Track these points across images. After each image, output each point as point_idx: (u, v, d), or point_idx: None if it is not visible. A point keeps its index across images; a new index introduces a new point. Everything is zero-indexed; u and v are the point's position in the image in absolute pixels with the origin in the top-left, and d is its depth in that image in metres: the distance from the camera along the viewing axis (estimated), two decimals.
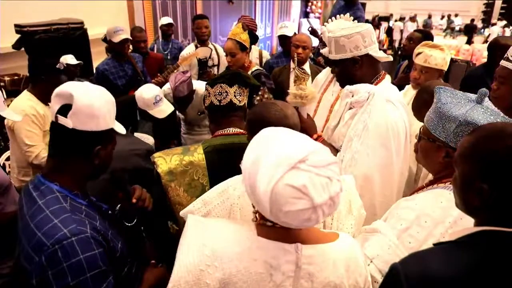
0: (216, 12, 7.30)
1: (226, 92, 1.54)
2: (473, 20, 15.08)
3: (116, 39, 3.19)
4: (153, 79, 3.41)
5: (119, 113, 1.18)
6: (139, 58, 3.62)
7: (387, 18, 15.47)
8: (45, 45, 3.30)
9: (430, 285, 0.77)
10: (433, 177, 1.25)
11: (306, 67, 3.12)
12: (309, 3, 12.46)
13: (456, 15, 16.93)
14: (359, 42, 1.63)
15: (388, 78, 1.77)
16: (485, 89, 1.12)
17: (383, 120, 1.55)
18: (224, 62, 3.29)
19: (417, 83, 2.34)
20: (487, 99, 1.14)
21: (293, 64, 2.11)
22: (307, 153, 0.76)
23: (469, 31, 11.24)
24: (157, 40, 4.80)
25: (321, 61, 3.97)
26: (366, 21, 4.71)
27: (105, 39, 3.38)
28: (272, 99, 2.55)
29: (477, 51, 8.22)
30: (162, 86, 2.72)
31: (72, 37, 3.63)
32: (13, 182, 2.41)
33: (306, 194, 0.74)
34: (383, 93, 1.61)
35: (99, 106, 1.06)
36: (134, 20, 5.15)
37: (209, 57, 3.26)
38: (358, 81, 1.69)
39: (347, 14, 1.88)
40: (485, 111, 1.09)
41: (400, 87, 1.87)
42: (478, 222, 0.85)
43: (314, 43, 3.32)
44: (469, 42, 10.38)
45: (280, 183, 0.75)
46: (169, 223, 1.52)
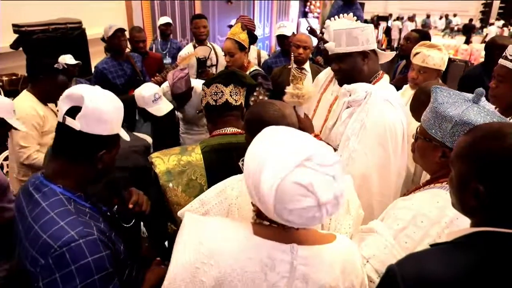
0: (215, 12, 7.30)
1: (222, 92, 1.54)
2: (471, 20, 15.11)
3: (110, 33, 3.21)
4: (152, 79, 3.41)
5: None
6: (138, 58, 3.62)
7: (385, 18, 15.49)
8: (43, 45, 3.29)
9: (427, 286, 0.77)
10: (429, 177, 1.25)
11: (307, 66, 3.13)
12: (308, 3, 12.45)
13: (455, 15, 16.95)
14: (369, 36, 1.66)
15: (386, 77, 1.76)
16: (481, 89, 1.12)
17: (380, 120, 1.55)
18: (222, 62, 3.29)
19: (415, 83, 2.35)
20: (483, 99, 1.14)
21: (291, 64, 2.11)
22: (312, 152, 0.77)
23: (468, 31, 11.27)
24: (156, 40, 4.79)
25: (319, 60, 3.97)
26: (365, 21, 4.72)
27: (103, 39, 3.40)
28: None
29: (475, 51, 8.24)
30: (161, 85, 2.72)
31: (70, 37, 3.62)
32: (13, 182, 2.42)
33: (312, 192, 0.74)
34: (381, 93, 1.61)
35: (109, 111, 1.05)
36: (132, 20, 5.15)
37: (208, 56, 3.25)
38: (360, 78, 1.68)
39: (350, 14, 1.88)
40: (481, 111, 1.09)
41: (398, 87, 1.87)
42: (474, 222, 0.85)
43: (313, 42, 3.32)
44: (467, 42, 10.41)
45: (286, 180, 0.75)
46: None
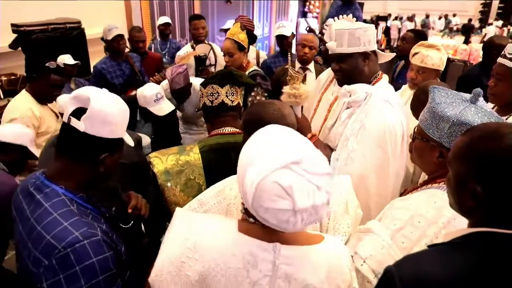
0: (214, 12, 7.29)
1: (218, 92, 1.54)
2: (470, 20, 15.11)
3: (109, 37, 3.24)
4: (150, 78, 3.41)
5: None
6: (136, 58, 3.62)
7: (385, 18, 15.50)
8: (42, 45, 3.29)
9: (424, 287, 0.76)
10: (427, 177, 1.25)
11: (311, 66, 3.14)
12: (307, 3, 12.43)
13: (454, 15, 16.96)
14: (371, 37, 1.66)
15: (385, 78, 1.77)
16: (479, 89, 1.12)
17: (380, 120, 1.55)
18: (221, 62, 3.29)
19: (414, 83, 2.35)
20: (481, 99, 1.14)
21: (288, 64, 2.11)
22: (303, 156, 0.76)
23: (467, 31, 11.28)
24: (155, 40, 4.79)
25: (319, 60, 3.97)
26: (364, 21, 4.72)
27: (103, 38, 3.40)
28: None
29: (474, 50, 8.25)
30: (160, 84, 2.72)
31: (70, 37, 3.62)
32: None
33: (289, 195, 0.73)
34: (381, 93, 1.61)
35: (114, 114, 1.05)
36: (131, 20, 5.14)
37: (207, 55, 3.25)
38: (361, 79, 1.68)
39: (350, 15, 1.88)
40: (479, 111, 1.09)
41: (396, 88, 1.87)
42: (472, 222, 0.85)
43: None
44: (466, 42, 10.42)
45: (268, 178, 0.74)
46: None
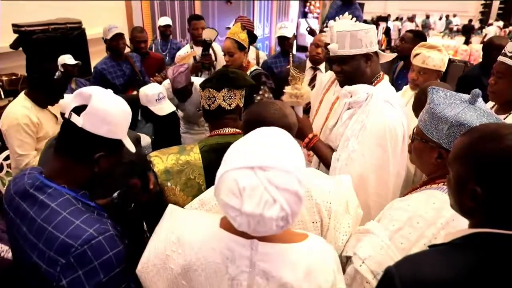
0: (215, 12, 7.29)
1: (214, 97, 1.51)
2: (471, 21, 15.10)
3: (109, 36, 3.25)
4: (151, 78, 3.42)
5: None
6: (137, 58, 3.62)
7: (385, 18, 15.48)
8: (43, 45, 3.29)
9: None
10: (426, 178, 1.25)
11: (322, 67, 3.17)
12: (308, 3, 12.43)
13: (454, 15, 16.95)
14: (373, 38, 1.65)
15: (386, 78, 1.77)
16: (478, 90, 1.12)
17: (381, 121, 1.55)
18: (221, 61, 3.29)
19: (415, 84, 2.36)
20: (480, 99, 1.14)
21: (290, 64, 2.12)
22: (273, 166, 0.74)
23: (467, 31, 11.25)
24: (156, 40, 4.80)
25: None
26: (365, 21, 4.72)
27: (104, 38, 3.41)
28: (272, 98, 2.57)
29: (475, 51, 8.26)
30: (161, 84, 2.73)
31: (70, 37, 3.62)
32: None
33: (240, 195, 0.74)
34: (382, 94, 1.61)
35: (114, 113, 1.05)
36: (132, 20, 5.14)
37: (213, 39, 3.21)
38: (363, 80, 1.67)
39: (346, 14, 1.88)
40: (478, 112, 1.09)
41: (396, 88, 1.87)
42: (472, 223, 0.85)
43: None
44: (467, 42, 10.41)
45: (231, 173, 0.76)
46: None
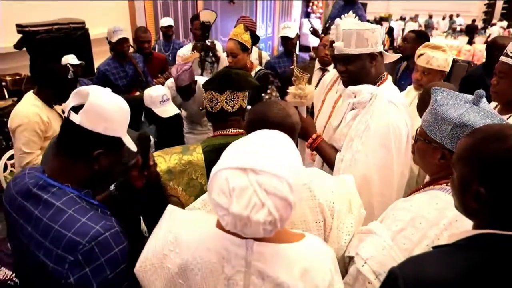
0: (217, 12, 7.30)
1: (217, 99, 1.50)
2: (474, 21, 15.03)
3: (114, 39, 3.25)
4: (154, 80, 3.42)
5: None
6: (140, 59, 3.63)
7: (387, 18, 15.44)
8: (46, 45, 3.31)
9: None
10: (429, 179, 1.25)
11: (331, 67, 3.15)
12: (310, 3, 12.43)
13: (458, 15, 16.88)
14: (378, 38, 1.63)
15: (390, 79, 1.76)
16: (481, 90, 1.12)
17: (385, 121, 1.55)
18: (223, 61, 3.30)
19: (419, 84, 2.35)
20: (484, 100, 1.13)
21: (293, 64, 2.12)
22: (266, 170, 0.74)
23: (470, 31, 11.20)
24: (158, 41, 4.81)
25: None
26: (367, 21, 4.72)
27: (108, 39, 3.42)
28: (279, 97, 2.57)
29: (478, 51, 8.21)
30: (163, 85, 2.74)
31: (74, 37, 3.64)
32: None
33: (230, 195, 0.75)
34: (386, 94, 1.61)
35: (112, 110, 1.06)
36: (135, 21, 5.16)
37: (212, 22, 3.19)
38: (367, 80, 1.67)
39: (350, 12, 1.87)
40: (481, 112, 1.08)
41: (399, 88, 1.86)
42: (477, 224, 0.84)
43: (314, 42, 3.32)
44: (470, 42, 10.36)
45: (223, 172, 0.77)
46: None
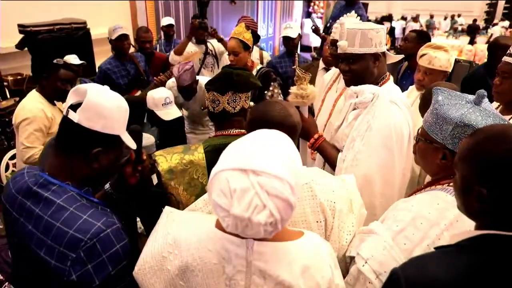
0: (219, 12, 7.32)
1: (218, 100, 1.50)
2: (475, 20, 15.00)
3: (113, 36, 3.27)
4: (155, 78, 3.42)
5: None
6: (141, 58, 3.64)
7: (389, 18, 15.42)
8: (48, 45, 3.32)
9: None
10: (431, 179, 1.25)
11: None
12: (312, 3, 12.44)
13: (459, 15, 16.85)
14: (382, 38, 1.63)
15: (391, 79, 1.76)
16: (483, 90, 1.11)
17: (387, 122, 1.55)
18: (223, 60, 3.30)
19: (421, 84, 2.35)
20: (485, 100, 1.13)
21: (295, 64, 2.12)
22: (267, 171, 0.74)
23: (472, 31, 11.19)
24: (159, 41, 4.81)
25: None
26: (368, 21, 4.71)
27: (109, 38, 3.43)
28: (281, 94, 2.58)
29: (479, 51, 8.22)
30: (165, 85, 2.74)
31: (75, 37, 3.66)
32: None
33: (230, 197, 0.74)
34: (388, 95, 1.60)
35: (110, 108, 1.05)
36: (136, 20, 5.17)
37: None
38: (370, 80, 1.67)
39: (352, 12, 1.87)
40: (483, 112, 1.08)
41: (402, 89, 1.87)
42: (479, 225, 0.84)
43: (316, 42, 3.31)
44: (471, 42, 10.35)
45: (224, 173, 0.76)
46: None
